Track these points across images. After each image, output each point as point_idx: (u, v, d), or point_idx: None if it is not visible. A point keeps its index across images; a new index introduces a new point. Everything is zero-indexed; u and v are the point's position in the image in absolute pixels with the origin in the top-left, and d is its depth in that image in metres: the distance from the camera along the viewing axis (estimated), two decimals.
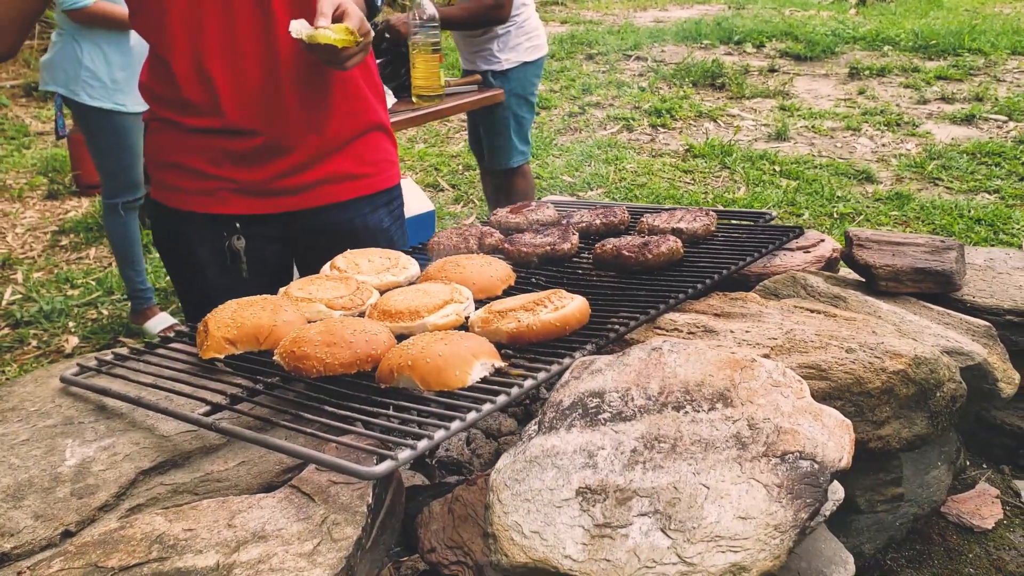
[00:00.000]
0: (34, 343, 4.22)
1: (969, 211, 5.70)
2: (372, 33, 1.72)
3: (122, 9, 3.88)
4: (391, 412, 1.25)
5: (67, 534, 1.13)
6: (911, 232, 5.38)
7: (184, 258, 1.95)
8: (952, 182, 6.39)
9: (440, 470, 1.68)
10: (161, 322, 4.18)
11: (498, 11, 3.77)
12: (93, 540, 1.07)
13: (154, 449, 1.29)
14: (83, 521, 1.16)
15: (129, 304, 4.35)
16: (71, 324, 4.40)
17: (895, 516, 1.45)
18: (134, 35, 3.97)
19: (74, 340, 4.21)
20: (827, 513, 1.15)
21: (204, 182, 1.84)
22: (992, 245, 5.07)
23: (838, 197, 6.07)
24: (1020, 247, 5.08)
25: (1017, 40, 10.45)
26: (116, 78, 3.95)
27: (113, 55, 3.96)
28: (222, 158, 1.81)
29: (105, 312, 4.55)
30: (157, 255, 5.31)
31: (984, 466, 1.71)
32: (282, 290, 1.61)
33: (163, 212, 1.94)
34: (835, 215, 5.79)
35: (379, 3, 1.84)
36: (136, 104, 4.01)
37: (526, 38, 4.02)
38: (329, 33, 1.58)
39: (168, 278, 4.97)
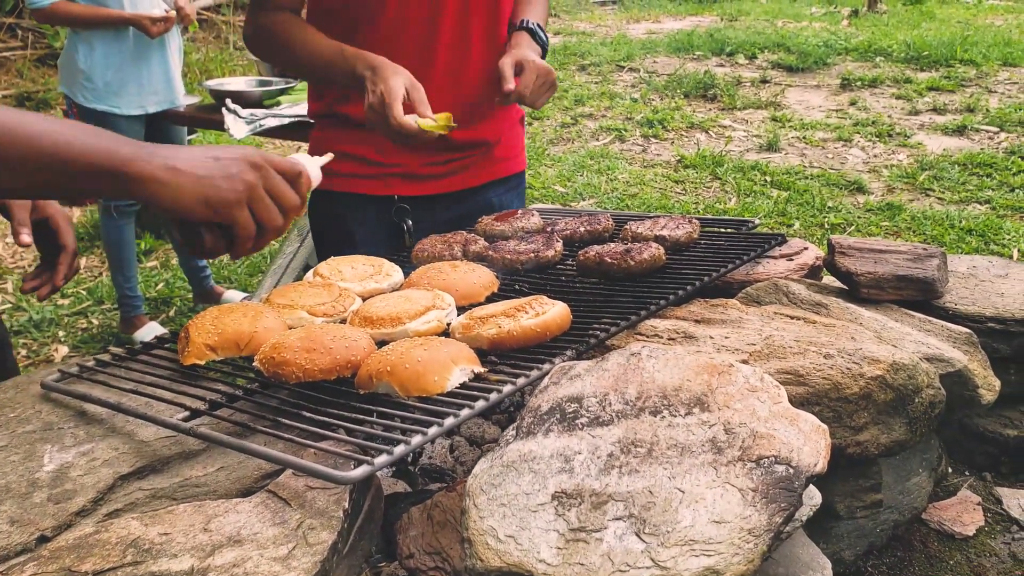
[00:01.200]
0: (23, 352, 4.21)
1: (960, 222, 5.73)
2: (553, 73, 2.04)
3: (86, 9, 3.87)
4: (369, 418, 1.25)
5: (43, 539, 1.13)
6: (902, 242, 5.40)
7: (342, 239, 2.16)
8: (943, 193, 6.42)
9: (423, 477, 1.68)
10: (150, 332, 4.18)
11: None
12: (68, 544, 1.07)
13: (133, 454, 1.29)
14: (59, 526, 1.15)
15: (119, 313, 4.35)
16: (61, 334, 4.40)
17: (875, 522, 1.45)
18: (133, 38, 3.98)
19: (64, 349, 4.21)
20: (803, 518, 1.15)
21: (370, 168, 2.10)
22: (983, 255, 5.09)
23: (829, 207, 6.09)
24: (1011, 258, 5.10)
25: (1008, 52, 10.52)
26: (108, 80, 3.96)
27: (106, 57, 3.97)
28: (391, 148, 2.02)
29: (95, 322, 4.55)
30: (150, 264, 5.32)
31: (966, 473, 1.72)
32: (264, 296, 1.62)
33: (323, 197, 2.18)
34: (826, 225, 5.81)
35: (546, 41, 2.10)
36: (130, 107, 4.02)
37: None
38: (429, 121, 1.82)
39: (159, 287, 4.97)
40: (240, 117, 4.03)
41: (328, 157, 1.44)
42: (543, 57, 2.06)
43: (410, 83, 1.83)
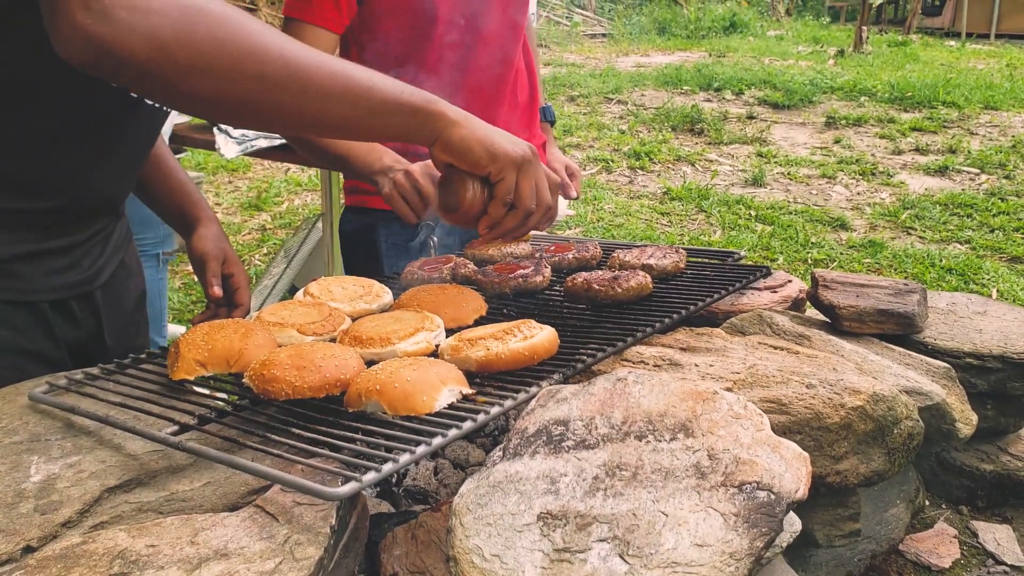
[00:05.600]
0: None
1: (941, 260, 5.80)
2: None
3: None
4: (358, 436, 1.26)
5: (28, 549, 1.13)
6: (884, 278, 5.46)
7: (370, 254, 2.33)
8: (924, 232, 6.51)
9: (407, 499, 1.69)
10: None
11: None
12: (54, 555, 1.07)
13: (120, 467, 1.29)
14: (45, 537, 1.15)
15: None
16: None
17: (853, 552, 1.47)
18: None
19: None
20: (783, 544, 1.16)
21: None
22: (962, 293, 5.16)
23: (812, 243, 6.16)
24: (990, 297, 5.16)
25: (990, 95, 10.69)
26: None
27: None
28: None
29: None
30: None
31: (943, 506, 1.74)
32: (255, 314, 1.63)
33: (354, 213, 2.40)
34: (809, 260, 5.87)
35: (555, 119, 2.55)
36: None
37: None
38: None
39: None
40: (231, 137, 4.05)
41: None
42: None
43: None
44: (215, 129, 4.11)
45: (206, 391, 1.50)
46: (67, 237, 1.64)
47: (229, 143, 4.04)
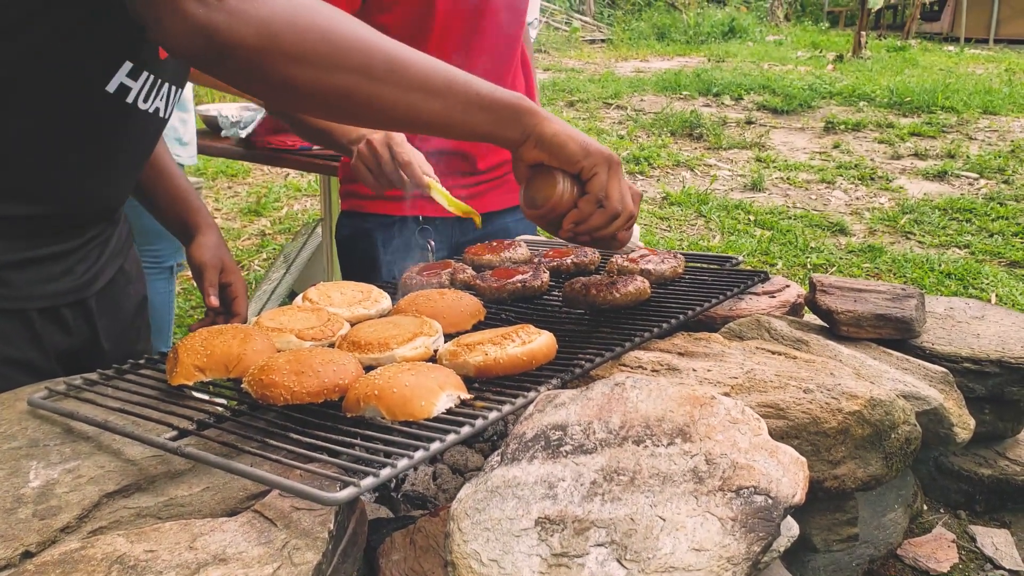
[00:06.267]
0: None
1: (940, 265, 5.81)
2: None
3: None
4: (356, 441, 1.26)
5: (27, 555, 1.13)
6: (882, 282, 5.47)
7: (366, 258, 2.31)
8: (924, 236, 6.51)
9: (405, 504, 1.69)
10: None
11: None
12: (53, 560, 1.07)
13: (119, 472, 1.29)
14: (44, 542, 1.16)
15: None
16: None
17: (851, 556, 1.47)
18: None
19: None
20: (781, 549, 1.17)
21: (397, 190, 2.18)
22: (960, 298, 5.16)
23: (811, 248, 6.16)
24: (989, 302, 5.17)
25: (988, 100, 10.70)
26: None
27: None
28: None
29: None
30: None
31: (941, 511, 1.74)
32: (254, 319, 1.63)
33: (351, 217, 2.40)
34: (808, 265, 5.88)
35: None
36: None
37: None
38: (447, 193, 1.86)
39: None
40: (233, 124, 4.08)
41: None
42: None
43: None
44: (218, 119, 4.14)
45: (205, 396, 1.50)
46: (62, 244, 1.64)
47: (233, 129, 4.08)
